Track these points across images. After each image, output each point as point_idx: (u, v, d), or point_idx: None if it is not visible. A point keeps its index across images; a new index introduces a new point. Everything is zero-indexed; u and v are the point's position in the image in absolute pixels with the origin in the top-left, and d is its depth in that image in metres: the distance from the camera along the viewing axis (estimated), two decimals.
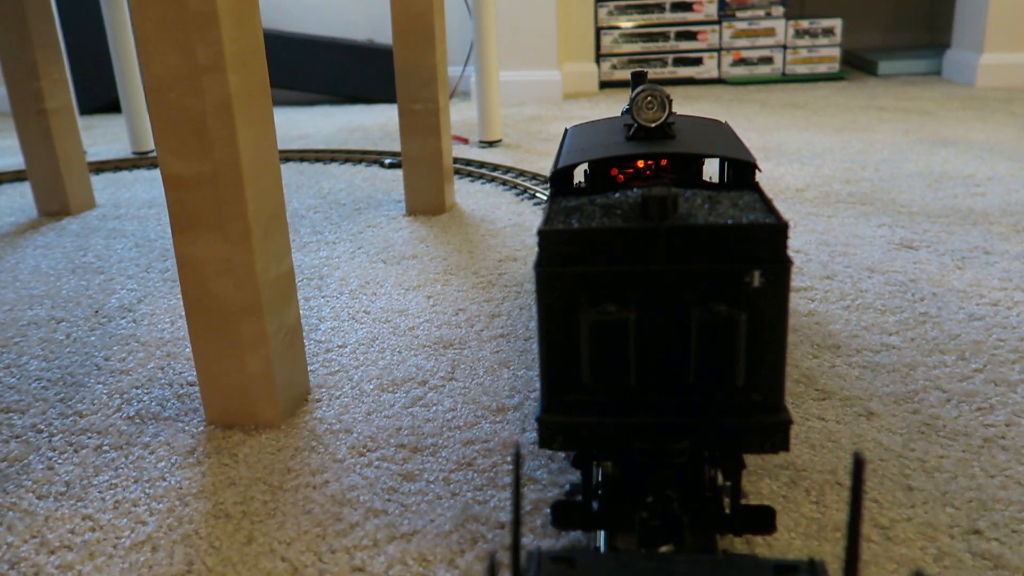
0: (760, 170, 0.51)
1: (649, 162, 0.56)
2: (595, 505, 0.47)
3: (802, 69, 2.44)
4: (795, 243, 1.06)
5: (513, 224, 1.20)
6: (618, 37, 2.46)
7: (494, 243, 1.13)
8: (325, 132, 2.00)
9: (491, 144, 1.74)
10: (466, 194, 1.38)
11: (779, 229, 0.41)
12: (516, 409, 0.71)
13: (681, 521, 0.43)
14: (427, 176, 1.27)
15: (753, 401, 0.43)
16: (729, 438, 0.43)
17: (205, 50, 0.58)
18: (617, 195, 0.47)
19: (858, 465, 0.28)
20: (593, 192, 0.49)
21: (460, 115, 2.14)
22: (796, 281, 0.94)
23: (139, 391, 0.76)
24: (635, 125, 0.54)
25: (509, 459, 0.64)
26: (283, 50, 2.40)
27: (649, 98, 0.53)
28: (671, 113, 0.54)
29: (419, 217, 1.26)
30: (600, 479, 0.48)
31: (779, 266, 0.41)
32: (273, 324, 0.68)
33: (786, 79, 2.44)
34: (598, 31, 2.47)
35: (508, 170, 1.49)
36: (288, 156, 1.69)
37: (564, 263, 0.42)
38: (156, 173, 1.65)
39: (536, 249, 0.46)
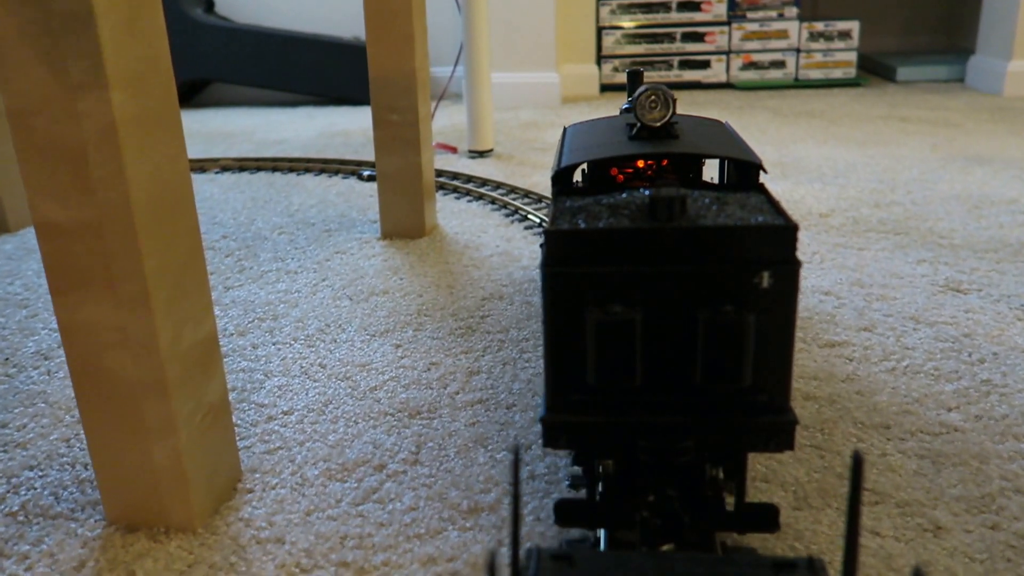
0: (766, 171, 0.50)
1: (650, 162, 0.58)
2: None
3: (816, 74, 2.29)
4: (824, 283, 0.92)
5: (500, 252, 1.06)
6: (621, 38, 2.32)
7: (477, 276, 0.99)
8: (304, 137, 1.86)
9: (481, 154, 1.59)
10: (450, 213, 1.24)
11: (788, 230, 0.41)
12: (491, 510, 0.57)
13: (682, 520, 0.43)
14: (404, 195, 1.13)
15: (759, 401, 0.43)
16: (734, 437, 0.43)
17: (79, 63, 0.44)
18: (624, 195, 0.47)
19: (857, 464, 0.28)
20: (595, 192, 0.48)
21: (450, 119, 2.00)
22: (831, 335, 0.80)
23: (32, 473, 0.62)
24: (638, 125, 0.53)
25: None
26: (264, 47, 2.25)
27: (653, 97, 0.52)
28: (674, 113, 0.53)
29: (395, 241, 1.12)
30: (602, 477, 0.47)
31: (788, 267, 0.41)
32: (186, 404, 0.54)
33: (799, 84, 2.29)
34: (599, 31, 2.33)
35: (498, 186, 1.34)
36: (260, 165, 1.55)
37: (571, 263, 0.41)
38: None
39: (543, 250, 0.44)
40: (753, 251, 0.41)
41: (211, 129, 2.00)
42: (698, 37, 2.29)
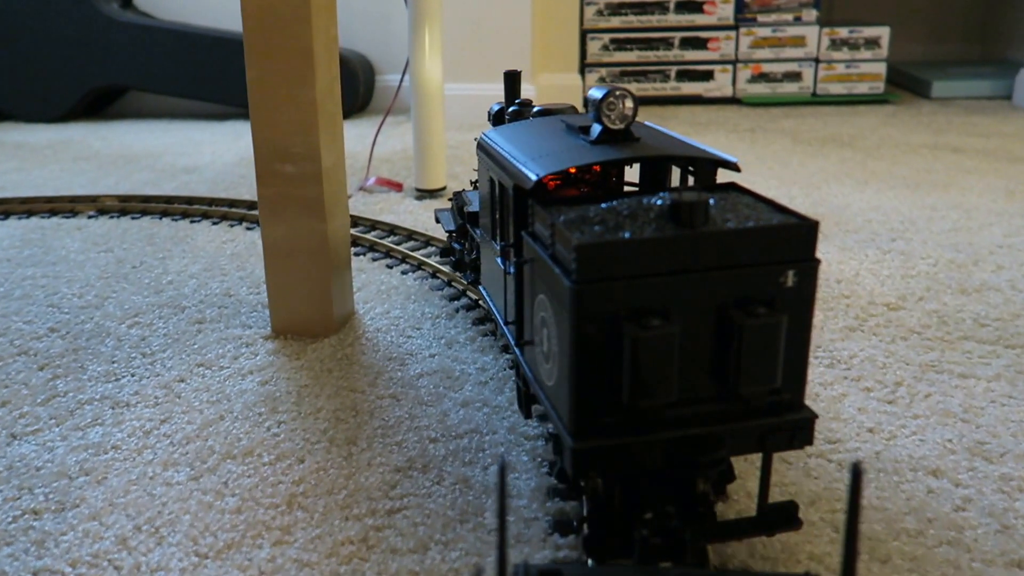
0: (739, 170, 0.50)
1: (596, 168, 0.60)
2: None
3: (837, 88, 1.97)
4: (925, 449, 0.59)
5: (435, 369, 0.73)
6: (608, 43, 1.98)
7: (395, 419, 0.65)
8: (221, 163, 1.52)
9: (430, 194, 1.26)
10: (375, 292, 0.90)
11: (811, 228, 0.42)
12: None
13: (684, 537, 0.43)
14: (303, 278, 0.79)
15: (783, 400, 0.43)
16: (762, 440, 0.43)
17: None
18: (625, 202, 0.45)
19: (856, 475, 0.28)
20: (580, 201, 0.47)
21: (401, 141, 1.66)
22: (964, 574, 0.47)
23: None
24: (601, 128, 0.51)
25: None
26: (190, 50, 1.91)
27: (611, 99, 0.51)
28: (636, 116, 0.52)
29: (287, 344, 0.78)
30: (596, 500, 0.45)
31: (810, 264, 0.42)
32: None
33: (818, 100, 1.97)
34: (583, 35, 1.99)
35: (446, 250, 1.01)
36: (148, 208, 1.21)
37: (605, 278, 0.40)
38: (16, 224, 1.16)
39: (574, 264, 0.40)
40: (779, 251, 0.41)
41: (113, 150, 1.66)
42: (700, 43, 1.95)
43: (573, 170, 0.58)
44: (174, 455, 0.62)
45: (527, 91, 1.84)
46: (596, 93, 0.51)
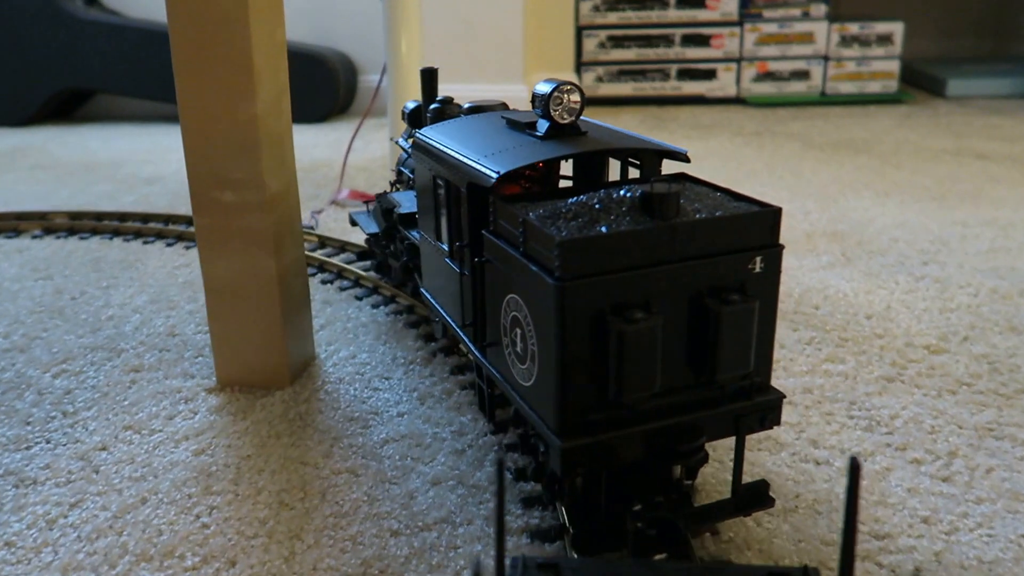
0: (689, 160, 0.50)
1: (540, 164, 0.58)
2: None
3: (848, 87, 1.85)
4: (996, 552, 0.49)
5: (404, 434, 0.62)
6: (605, 40, 1.87)
7: (351, 502, 0.54)
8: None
9: None
10: (341, 330, 0.79)
11: (776, 214, 0.43)
12: None
13: (678, 526, 0.43)
14: (251, 321, 0.68)
15: (753, 383, 0.45)
16: (737, 423, 0.45)
17: None
18: (598, 196, 0.44)
19: (854, 470, 0.28)
20: (539, 197, 0.47)
21: (381, 147, 1.55)
22: None
23: None
24: (550, 124, 0.51)
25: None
26: (160, 49, 1.79)
27: (558, 94, 0.50)
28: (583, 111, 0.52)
29: (234, 399, 0.67)
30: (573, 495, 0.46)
31: (775, 250, 0.43)
32: None
33: (827, 100, 1.86)
34: (579, 32, 1.88)
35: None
36: (99, 226, 1.10)
37: (588, 273, 0.40)
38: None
39: (564, 261, 0.39)
40: (747, 238, 0.43)
41: (74, 157, 1.54)
42: (702, 40, 1.84)
43: (522, 167, 0.56)
44: (78, 555, 0.51)
45: (519, 91, 1.73)
46: (543, 87, 0.51)
